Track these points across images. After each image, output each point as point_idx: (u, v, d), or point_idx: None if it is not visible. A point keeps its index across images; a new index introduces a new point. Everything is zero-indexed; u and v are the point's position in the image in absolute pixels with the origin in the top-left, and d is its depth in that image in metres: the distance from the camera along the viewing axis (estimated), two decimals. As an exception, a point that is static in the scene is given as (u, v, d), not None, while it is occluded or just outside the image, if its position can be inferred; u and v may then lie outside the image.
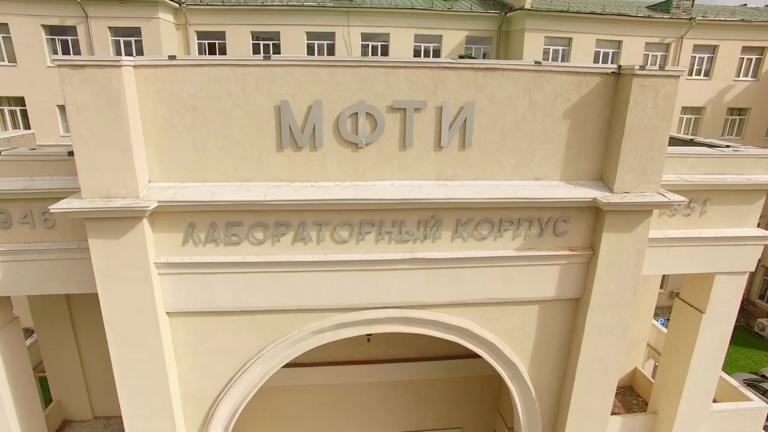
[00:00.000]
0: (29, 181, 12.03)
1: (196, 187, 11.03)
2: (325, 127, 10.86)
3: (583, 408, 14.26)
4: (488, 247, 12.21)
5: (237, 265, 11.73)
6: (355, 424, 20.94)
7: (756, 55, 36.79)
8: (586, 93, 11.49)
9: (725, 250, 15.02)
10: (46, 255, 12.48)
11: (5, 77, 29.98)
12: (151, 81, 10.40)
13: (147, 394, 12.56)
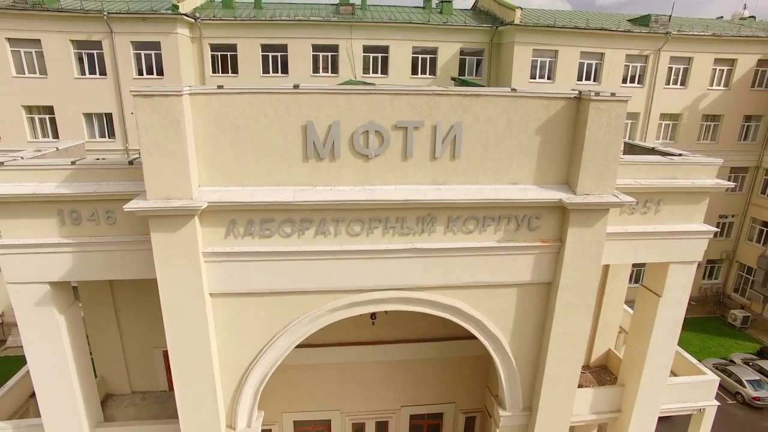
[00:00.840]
0: (97, 186, 14.52)
1: (237, 190, 13.56)
2: (342, 143, 13.41)
3: (555, 376, 16.83)
4: (474, 239, 14.78)
5: (269, 254, 14.26)
6: (360, 399, 23.44)
7: (727, 66, 39.44)
8: (553, 114, 14.06)
9: (677, 242, 17.66)
10: (108, 247, 14.98)
11: (36, 88, 32.40)
12: (204, 106, 12.93)
13: (193, 362, 15.07)
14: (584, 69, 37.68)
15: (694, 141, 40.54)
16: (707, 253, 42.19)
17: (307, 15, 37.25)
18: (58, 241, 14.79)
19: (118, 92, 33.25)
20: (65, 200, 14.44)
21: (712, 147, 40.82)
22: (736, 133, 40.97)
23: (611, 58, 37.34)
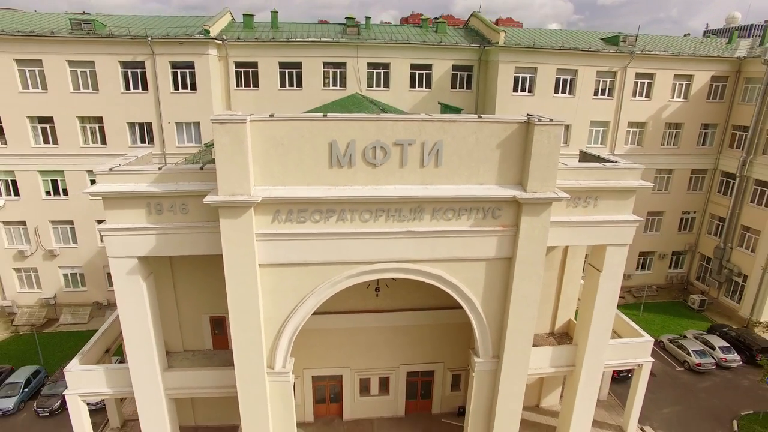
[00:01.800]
0: (176, 186, 19.70)
1: (282, 189, 18.75)
2: (356, 155, 18.59)
3: (516, 330, 21.99)
4: (452, 224, 19.97)
5: (302, 235, 19.45)
6: (366, 359, 28.63)
7: (686, 81, 44.35)
8: (509, 133, 19.22)
9: (611, 229, 22.82)
10: (182, 230, 20.15)
11: (89, 102, 37.46)
12: (259, 129, 18.10)
13: (245, 316, 20.24)
14: (560, 83, 42.71)
15: (659, 146, 45.60)
16: (673, 245, 47.52)
17: (318, 36, 42.30)
18: (145, 226, 20.01)
19: (158, 104, 38.33)
20: (153, 196, 19.65)
21: (675, 151, 45.89)
22: (695, 139, 45.98)
23: (584, 74, 42.37)
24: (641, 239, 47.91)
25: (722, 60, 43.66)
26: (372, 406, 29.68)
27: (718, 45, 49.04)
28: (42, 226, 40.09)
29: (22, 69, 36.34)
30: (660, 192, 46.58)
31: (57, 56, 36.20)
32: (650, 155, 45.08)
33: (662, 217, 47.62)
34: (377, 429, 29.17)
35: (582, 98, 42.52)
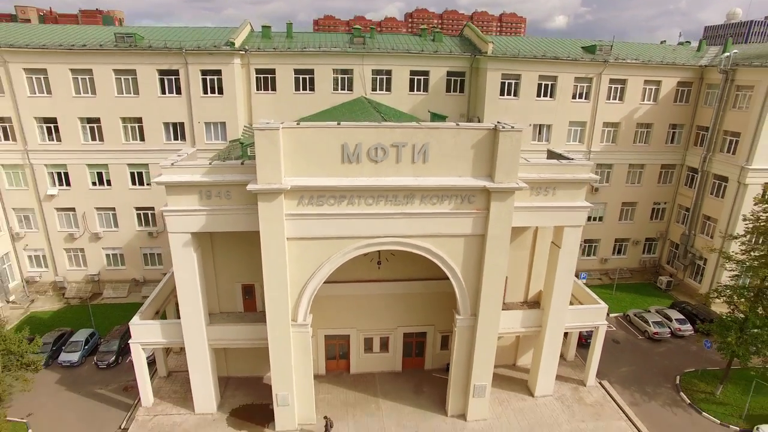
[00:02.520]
0: (222, 177, 25.29)
1: (305, 179, 24.29)
2: (362, 154, 24.10)
3: (488, 292, 27.52)
4: (437, 208, 25.49)
5: (321, 215, 25.03)
6: (369, 321, 34.22)
7: (655, 86, 49.34)
8: (481, 137, 24.67)
9: (567, 213, 28.28)
10: (226, 211, 25.78)
11: (131, 104, 42.94)
12: (289, 133, 23.61)
13: (276, 279, 25.86)
14: (542, 88, 47.76)
15: (631, 144, 50.69)
16: (646, 233, 52.81)
17: (328, 45, 47.56)
18: (198, 208, 25.66)
19: (189, 107, 43.71)
20: (204, 185, 25.27)
21: (646, 148, 51.03)
22: (664, 137, 51.01)
23: (563, 80, 47.44)
24: (617, 227, 53.28)
25: (687, 68, 48.71)
26: (374, 362, 35.38)
27: (688, 53, 54.10)
28: (88, 212, 45.78)
29: (76, 77, 41.89)
30: (633, 185, 51.80)
31: (105, 66, 41.71)
32: (624, 152, 50.33)
33: (635, 208, 52.88)
34: (378, 382, 34.82)
35: (561, 101, 47.72)
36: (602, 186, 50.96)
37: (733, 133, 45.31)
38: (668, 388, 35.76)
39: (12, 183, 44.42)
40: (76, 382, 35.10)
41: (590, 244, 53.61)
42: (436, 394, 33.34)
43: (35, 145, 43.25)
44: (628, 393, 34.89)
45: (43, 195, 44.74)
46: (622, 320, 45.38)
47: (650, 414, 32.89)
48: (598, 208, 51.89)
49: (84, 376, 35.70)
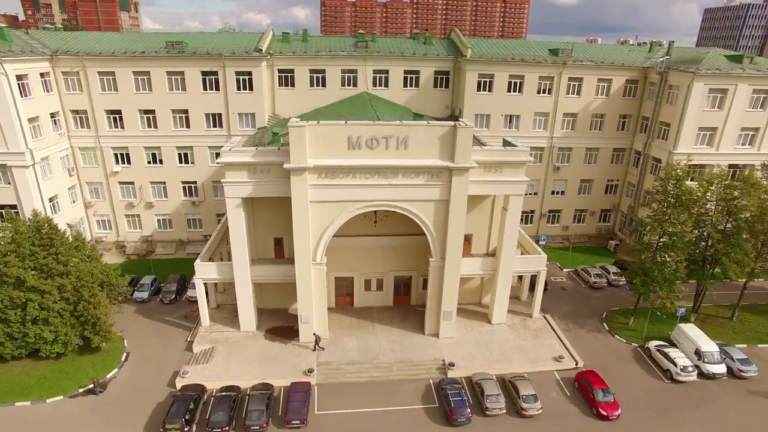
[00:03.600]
0: (264, 157, 36.17)
1: (323, 160, 35.14)
2: (362, 143, 34.87)
3: (452, 242, 38.44)
4: (415, 180, 36.37)
5: (333, 185, 36.00)
6: (367, 266, 45.25)
7: (607, 83, 58.89)
8: (445, 131, 35.33)
9: (511, 185, 39.13)
10: (266, 183, 36.80)
11: (179, 99, 53.37)
12: (311, 129, 34.37)
13: (302, 230, 36.90)
14: (512, 85, 57.55)
15: (588, 131, 60.64)
16: (601, 205, 63.99)
17: (337, 49, 57.61)
18: (246, 180, 36.61)
19: (226, 101, 53.98)
20: (251, 164, 36.11)
21: (600, 135, 61.03)
22: (615, 125, 60.88)
23: (529, 78, 57.24)
24: (576, 199, 63.83)
25: (633, 68, 58.60)
26: (372, 298, 46.55)
27: (640, 54, 63.90)
28: (144, 185, 56.68)
29: (137, 77, 52.38)
30: (590, 164, 62.14)
31: (159, 68, 52.18)
32: (581, 137, 60.58)
33: (592, 184, 63.28)
34: (375, 313, 45.95)
35: (528, 96, 57.80)
36: (563, 165, 61.40)
37: (666, 123, 55.51)
38: (595, 321, 46.84)
39: (86, 162, 55.35)
40: (148, 312, 46.52)
41: (554, 214, 64.31)
42: (417, 321, 44.48)
43: (104, 131, 54.05)
44: (564, 323, 45.95)
45: (109, 171, 55.70)
46: (573, 274, 56.26)
47: (577, 337, 44.00)
48: (560, 184, 62.52)
49: (153, 309, 47.10)
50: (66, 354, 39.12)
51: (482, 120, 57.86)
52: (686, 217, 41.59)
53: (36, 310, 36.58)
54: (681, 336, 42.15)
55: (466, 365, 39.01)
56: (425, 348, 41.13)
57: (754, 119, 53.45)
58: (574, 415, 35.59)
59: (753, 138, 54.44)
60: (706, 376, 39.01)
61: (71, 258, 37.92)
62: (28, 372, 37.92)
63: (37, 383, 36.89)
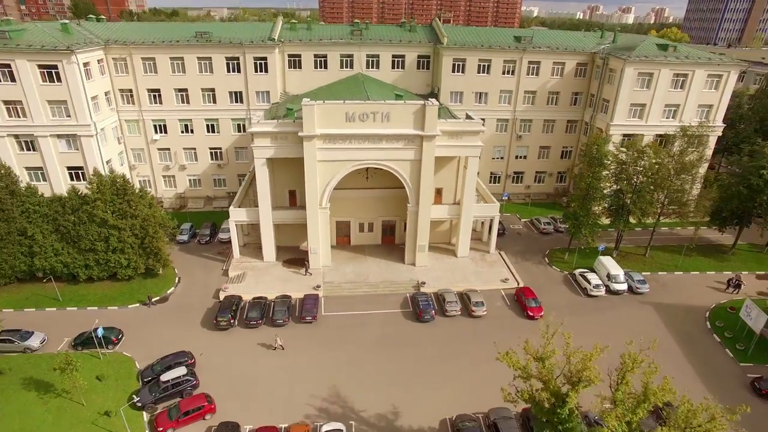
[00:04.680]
0: (282, 127, 48.73)
1: (328, 129, 47.75)
2: (356, 117, 47.43)
3: (423, 192, 51.36)
4: (395, 145, 49.05)
5: (335, 148, 48.78)
6: (361, 213, 58.26)
7: (561, 66, 70.50)
8: (418, 108, 47.85)
9: (468, 149, 52.13)
10: (285, 146, 49.49)
11: (207, 80, 65.03)
12: (319, 107, 46.89)
13: (311, 182, 49.75)
14: (481, 67, 69.07)
15: (545, 105, 72.48)
16: (557, 168, 78.15)
17: (336, 37, 69.13)
18: (270, 145, 49.28)
19: (246, 81, 65.67)
20: (273, 132, 48.75)
21: (556, 109, 72.98)
22: (568, 101, 72.78)
23: (495, 61, 68.82)
24: (536, 163, 76.36)
25: (583, 54, 70.43)
26: (365, 238, 59.62)
27: (592, 40, 75.59)
28: (178, 151, 68.96)
29: (173, 62, 64.15)
30: (547, 134, 74.41)
31: (191, 55, 63.93)
32: (539, 111, 72.73)
33: (550, 150, 75.70)
34: (367, 249, 59.03)
35: (494, 76, 69.74)
36: (525, 134, 73.72)
37: (606, 99, 67.72)
38: (539, 257, 60.10)
39: (131, 132, 67.53)
40: (189, 251, 59.54)
41: (518, 175, 76.97)
42: (399, 255, 57.59)
43: (146, 106, 66.10)
44: (514, 258, 59.15)
45: (149, 140, 67.92)
46: (528, 224, 69.31)
47: (523, 267, 57.25)
48: (522, 150, 74.95)
49: (192, 248, 60.11)
50: (134, 277, 52.29)
51: (457, 96, 69.94)
52: (605, 175, 54.42)
53: (115, 242, 49.52)
54: (599, 265, 55.42)
55: (434, 284, 52.34)
56: (404, 272, 54.42)
57: (675, 97, 65.65)
58: (511, 316, 49.08)
59: (675, 113, 66.73)
60: (613, 293, 52.47)
61: (138, 204, 50.55)
62: (110, 288, 51.16)
63: (119, 295, 50.23)
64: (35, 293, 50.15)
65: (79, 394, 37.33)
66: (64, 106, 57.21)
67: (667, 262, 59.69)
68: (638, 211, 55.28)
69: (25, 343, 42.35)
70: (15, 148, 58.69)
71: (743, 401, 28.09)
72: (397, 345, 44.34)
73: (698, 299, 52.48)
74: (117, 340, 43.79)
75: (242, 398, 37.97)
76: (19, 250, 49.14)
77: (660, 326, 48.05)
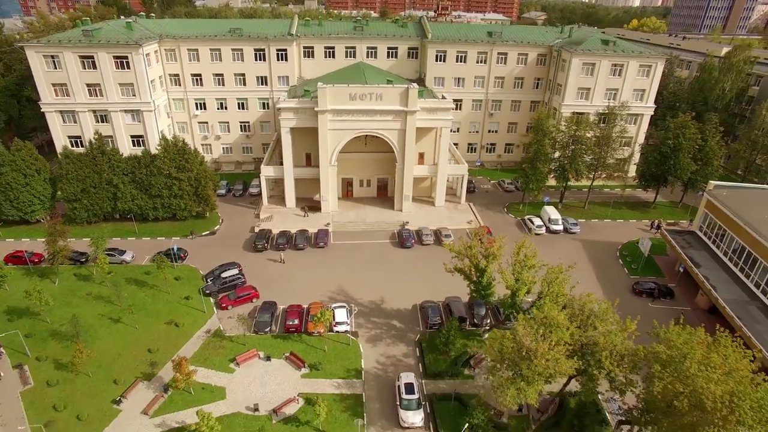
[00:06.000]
0: (303, 105, 65.29)
1: (336, 105, 64.23)
2: (357, 97, 63.84)
3: (408, 154, 67.87)
4: (387, 118, 65.43)
5: (342, 120, 65.29)
6: (361, 172, 75.01)
7: (525, 56, 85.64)
8: (403, 90, 64.16)
9: (442, 121, 68.60)
10: (304, 118, 66.02)
11: (239, 66, 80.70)
12: (330, 89, 63.21)
13: (324, 146, 66.48)
14: (459, 57, 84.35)
15: (512, 89, 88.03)
16: (524, 140, 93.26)
17: (342, 32, 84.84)
18: (292, 117, 65.86)
19: (270, 68, 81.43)
20: (295, 108, 65.32)
21: (521, 91, 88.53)
22: (532, 85, 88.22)
23: (471, 53, 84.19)
24: (506, 136, 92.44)
25: (543, 46, 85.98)
26: (363, 191, 76.40)
27: (553, 34, 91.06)
28: (214, 124, 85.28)
29: (211, 52, 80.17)
30: (515, 112, 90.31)
31: (226, 47, 79.91)
32: (508, 93, 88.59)
33: (517, 125, 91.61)
34: (365, 200, 75.72)
35: (470, 65, 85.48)
36: (496, 112, 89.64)
37: (560, 84, 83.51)
38: (500, 207, 76.69)
39: (177, 108, 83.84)
40: (227, 201, 76.29)
41: (491, 146, 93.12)
42: (390, 204, 74.24)
43: (189, 88, 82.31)
44: (480, 208, 75.67)
45: (191, 114, 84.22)
46: (496, 184, 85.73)
47: (485, 214, 73.85)
48: (494, 125, 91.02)
49: (229, 200, 76.87)
50: (188, 219, 69.08)
51: (439, 81, 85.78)
52: (548, 142, 70.70)
53: (176, 190, 66.16)
54: (544, 213, 71.94)
55: (415, 223, 69.05)
56: (393, 216, 71.17)
57: (614, 83, 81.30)
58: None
59: (615, 95, 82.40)
60: (552, 232, 69.12)
61: (193, 162, 67.03)
62: (171, 226, 68.07)
63: (178, 230, 67.14)
64: (117, 228, 67.09)
65: (166, 286, 54.47)
66: (131, 88, 73.54)
67: (600, 212, 76.14)
68: (573, 172, 71.65)
69: (121, 257, 59.40)
70: (93, 120, 75.21)
71: (624, 298, 44.61)
72: (385, 262, 61.23)
73: (615, 238, 69.09)
74: (184, 257, 60.79)
75: (276, 291, 54.86)
76: (106, 196, 65.86)
77: (582, 255, 64.67)
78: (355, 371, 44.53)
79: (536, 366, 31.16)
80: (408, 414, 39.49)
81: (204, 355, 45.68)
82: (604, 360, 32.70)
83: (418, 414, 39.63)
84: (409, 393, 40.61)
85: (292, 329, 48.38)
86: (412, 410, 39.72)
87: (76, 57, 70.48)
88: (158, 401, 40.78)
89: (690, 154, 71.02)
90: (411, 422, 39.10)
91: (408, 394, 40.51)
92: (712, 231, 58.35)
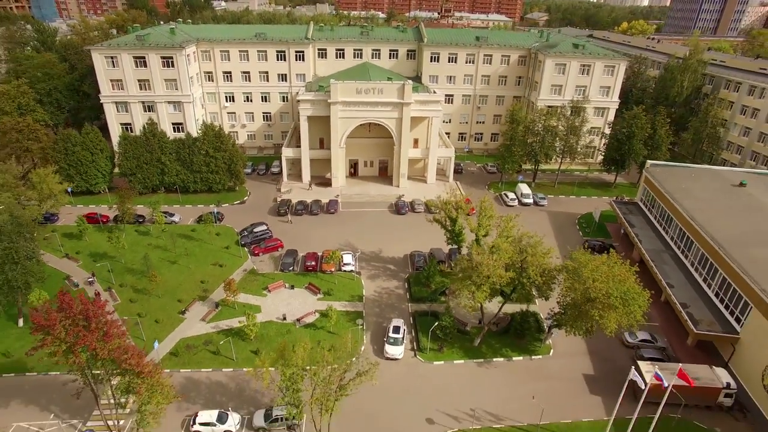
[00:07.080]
0: (318, 98, 79.45)
1: (345, 98, 78.22)
2: (362, 91, 77.81)
3: (404, 139, 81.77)
4: (386, 108, 79.38)
5: (349, 110, 79.38)
6: (365, 154, 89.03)
7: (508, 57, 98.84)
8: (399, 86, 78.01)
9: (433, 112, 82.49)
10: (319, 108, 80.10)
11: (263, 66, 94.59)
12: (341, 85, 77.21)
13: (335, 131, 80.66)
14: (451, 58, 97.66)
15: (497, 85, 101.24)
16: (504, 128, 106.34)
17: (350, 36, 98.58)
18: (309, 107, 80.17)
19: (289, 67, 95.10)
20: (311, 100, 79.55)
21: (505, 88, 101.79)
22: (514, 82, 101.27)
23: (460, 54, 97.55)
24: (492, 127, 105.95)
25: (523, 49, 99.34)
26: (367, 171, 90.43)
27: (534, 38, 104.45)
28: (241, 115, 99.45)
29: (240, 53, 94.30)
30: (499, 105, 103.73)
31: (254, 49, 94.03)
32: (493, 89, 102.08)
33: (501, 117, 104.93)
34: (369, 179, 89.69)
35: (460, 65, 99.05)
36: (483, 106, 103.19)
37: (536, 82, 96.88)
38: (482, 185, 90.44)
39: (209, 101, 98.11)
40: (252, 179, 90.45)
41: (479, 135, 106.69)
42: (389, 182, 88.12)
43: (221, 84, 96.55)
44: (465, 185, 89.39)
45: (221, 106, 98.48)
46: (481, 167, 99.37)
47: (470, 190, 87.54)
48: (482, 117, 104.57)
49: (253, 177, 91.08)
50: (221, 191, 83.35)
51: (434, 78, 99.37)
52: (521, 129, 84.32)
53: (213, 167, 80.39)
54: (518, 189, 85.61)
55: (410, 196, 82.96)
56: (392, 190, 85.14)
57: (582, 80, 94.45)
58: (455, 215, 79.73)
59: (583, 91, 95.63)
60: (523, 204, 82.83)
61: (227, 143, 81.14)
62: (208, 197, 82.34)
63: (213, 200, 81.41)
64: (164, 197, 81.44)
65: (209, 239, 68.80)
66: (174, 83, 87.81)
67: (567, 190, 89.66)
68: (543, 155, 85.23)
69: (171, 218, 73.79)
70: (141, 110, 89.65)
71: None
72: (383, 225, 75.25)
73: (576, 210, 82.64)
74: (222, 219, 75.09)
75: (297, 243, 68.91)
76: (155, 171, 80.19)
77: (546, 222, 78.29)
78: (358, 296, 58.70)
79: (481, 272, 45.00)
80: (392, 348, 50.28)
81: (243, 285, 59.89)
82: (531, 273, 46.48)
83: (399, 348, 50.09)
84: (395, 333, 51.73)
85: (310, 268, 62.53)
86: (396, 346, 50.29)
87: (131, 57, 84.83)
88: (212, 313, 55.10)
89: (641, 141, 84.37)
90: (392, 354, 50.01)
91: (394, 334, 51.58)
92: (648, 201, 71.85)
